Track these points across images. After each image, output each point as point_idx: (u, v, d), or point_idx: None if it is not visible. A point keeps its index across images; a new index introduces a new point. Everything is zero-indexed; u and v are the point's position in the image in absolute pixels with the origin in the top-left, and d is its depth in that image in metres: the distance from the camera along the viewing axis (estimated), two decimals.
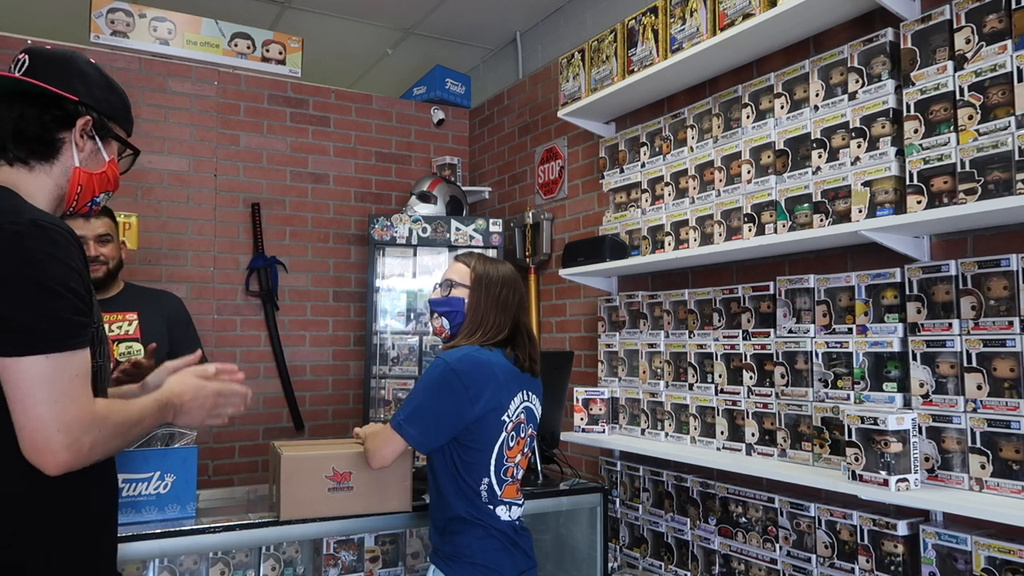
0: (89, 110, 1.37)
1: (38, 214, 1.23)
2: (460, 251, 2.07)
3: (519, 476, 1.96)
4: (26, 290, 1.16)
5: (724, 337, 2.55)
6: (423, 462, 2.04)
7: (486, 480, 1.85)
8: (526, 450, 1.97)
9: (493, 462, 1.86)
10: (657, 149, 2.91)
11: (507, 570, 1.85)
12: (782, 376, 2.32)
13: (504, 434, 1.88)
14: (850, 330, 2.16)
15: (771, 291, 2.41)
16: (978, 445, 1.83)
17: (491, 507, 1.86)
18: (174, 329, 2.63)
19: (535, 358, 1.99)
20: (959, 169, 1.85)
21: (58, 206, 1.38)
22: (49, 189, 1.35)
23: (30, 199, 1.30)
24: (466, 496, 1.84)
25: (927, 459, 1.93)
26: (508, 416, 1.88)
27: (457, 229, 3.79)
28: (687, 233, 2.70)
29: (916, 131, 1.97)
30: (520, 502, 1.95)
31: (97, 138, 1.39)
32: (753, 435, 2.42)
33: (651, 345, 2.84)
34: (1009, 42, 1.79)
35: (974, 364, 1.85)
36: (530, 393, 1.98)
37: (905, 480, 1.85)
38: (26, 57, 1.35)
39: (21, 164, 1.33)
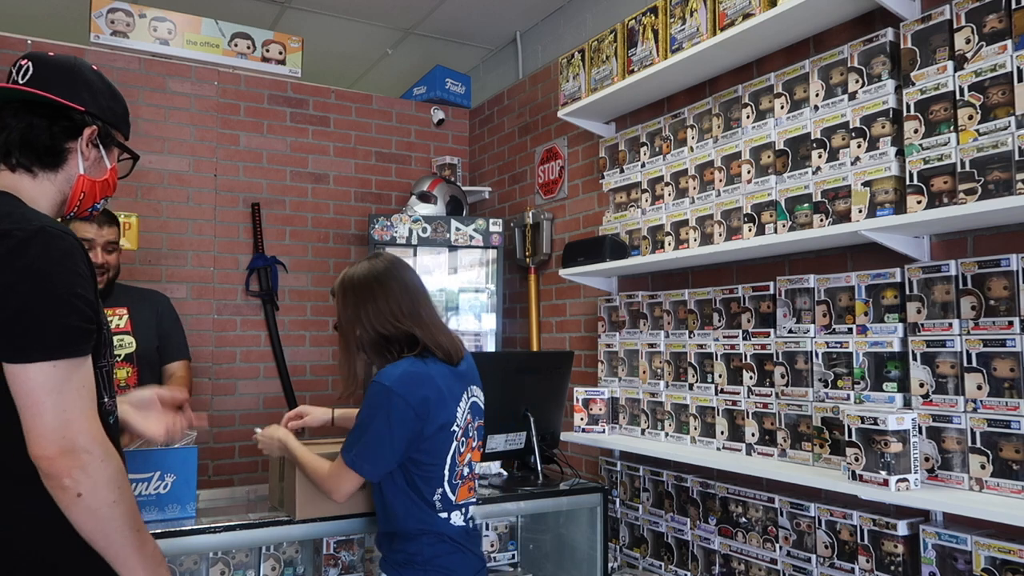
0: (95, 119, 1.38)
1: (46, 221, 1.24)
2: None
3: (473, 471, 1.91)
4: (34, 297, 1.17)
5: (724, 337, 2.55)
6: None
7: (440, 490, 1.80)
8: (475, 445, 1.93)
9: (446, 472, 1.81)
10: (657, 149, 2.91)
11: (460, 573, 1.81)
12: (782, 376, 2.32)
13: (455, 443, 1.83)
14: (850, 330, 2.16)
15: (771, 291, 2.41)
16: (978, 445, 1.83)
17: (444, 514, 1.81)
18: (163, 324, 2.75)
19: (456, 343, 1.90)
20: (959, 169, 1.85)
21: (59, 211, 1.39)
22: (52, 195, 1.36)
23: (32, 204, 1.31)
24: (416, 509, 1.79)
25: (927, 459, 1.93)
26: (457, 425, 1.83)
27: (457, 229, 3.79)
28: (687, 233, 2.70)
29: (916, 131, 1.97)
30: (474, 500, 1.91)
31: (101, 146, 1.41)
32: (753, 435, 2.42)
33: (651, 345, 2.84)
34: (1009, 42, 1.79)
35: (974, 364, 1.85)
36: (472, 388, 1.92)
37: (905, 480, 1.85)
38: (29, 64, 1.35)
39: (25, 171, 1.33)
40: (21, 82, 1.33)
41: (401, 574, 1.80)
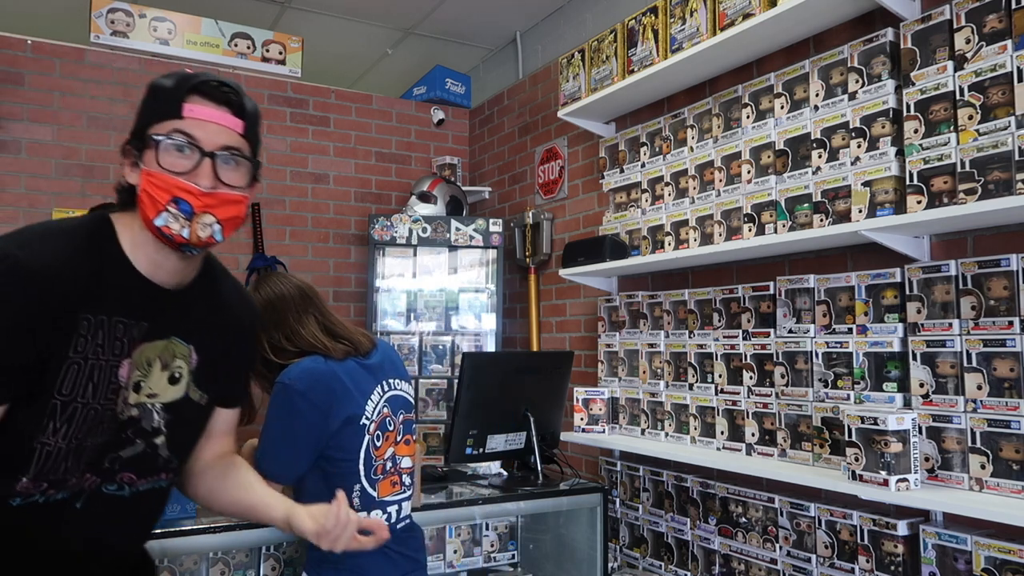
0: (129, 140, 1.21)
1: (19, 242, 1.10)
2: None
3: (400, 466, 1.88)
4: None
5: (724, 337, 2.55)
6: (431, 462, 2.02)
7: (357, 487, 1.78)
8: (400, 439, 1.89)
9: (362, 467, 1.78)
10: (657, 149, 2.91)
11: (379, 574, 1.78)
12: (782, 376, 2.32)
13: (368, 437, 1.79)
14: (850, 330, 2.16)
15: (771, 291, 2.41)
16: (978, 445, 1.83)
17: (364, 514, 1.77)
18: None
19: (361, 335, 1.89)
20: (959, 169, 1.85)
21: (163, 251, 1.20)
22: (139, 232, 1.19)
23: (127, 244, 1.19)
24: None
25: (927, 459, 1.93)
26: (367, 419, 1.80)
27: (457, 229, 3.79)
28: (687, 233, 2.70)
29: (916, 131, 1.97)
30: (403, 496, 1.87)
31: (138, 158, 1.19)
32: (753, 435, 2.42)
33: (651, 345, 2.84)
34: (1009, 42, 1.79)
35: (974, 364, 1.85)
36: (392, 381, 1.88)
37: (905, 480, 1.86)
38: None
39: (133, 209, 1.21)
40: None
41: (319, 573, 1.78)
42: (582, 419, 2.96)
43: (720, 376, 2.54)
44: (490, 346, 3.83)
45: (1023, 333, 1.77)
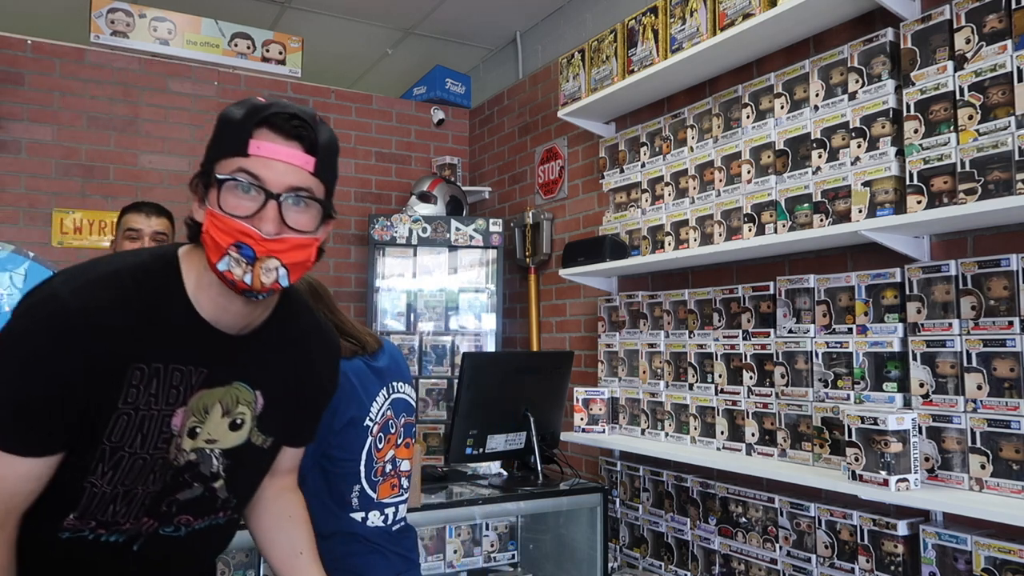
0: (198, 173, 1.13)
1: (72, 286, 1.06)
2: None
3: (399, 469, 1.88)
4: None
5: (724, 337, 2.55)
6: (431, 462, 2.02)
7: (357, 487, 1.78)
8: (401, 442, 1.89)
9: (363, 468, 1.79)
10: (657, 149, 2.91)
11: (374, 574, 1.77)
12: (782, 376, 2.32)
13: (370, 438, 1.80)
14: (850, 330, 2.16)
15: (771, 291, 2.41)
16: (978, 445, 1.83)
17: (362, 514, 1.78)
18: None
19: (369, 335, 1.88)
20: (959, 169, 1.85)
21: (226, 293, 1.13)
22: (201, 273, 1.13)
23: (188, 275, 1.14)
24: (330, 512, 1.76)
25: (927, 459, 1.93)
26: (371, 420, 1.80)
27: (457, 229, 3.79)
28: (687, 233, 2.70)
29: (916, 131, 1.97)
30: (401, 499, 1.87)
31: (203, 191, 1.11)
32: (753, 435, 2.42)
33: (651, 345, 2.84)
34: (1009, 42, 1.79)
35: (974, 364, 1.85)
36: (396, 384, 1.89)
37: (905, 480, 1.85)
38: None
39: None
40: None
41: None
42: (582, 419, 2.96)
43: (720, 376, 2.54)
44: (490, 346, 3.83)
45: (1023, 333, 1.77)
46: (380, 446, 1.83)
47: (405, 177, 4.35)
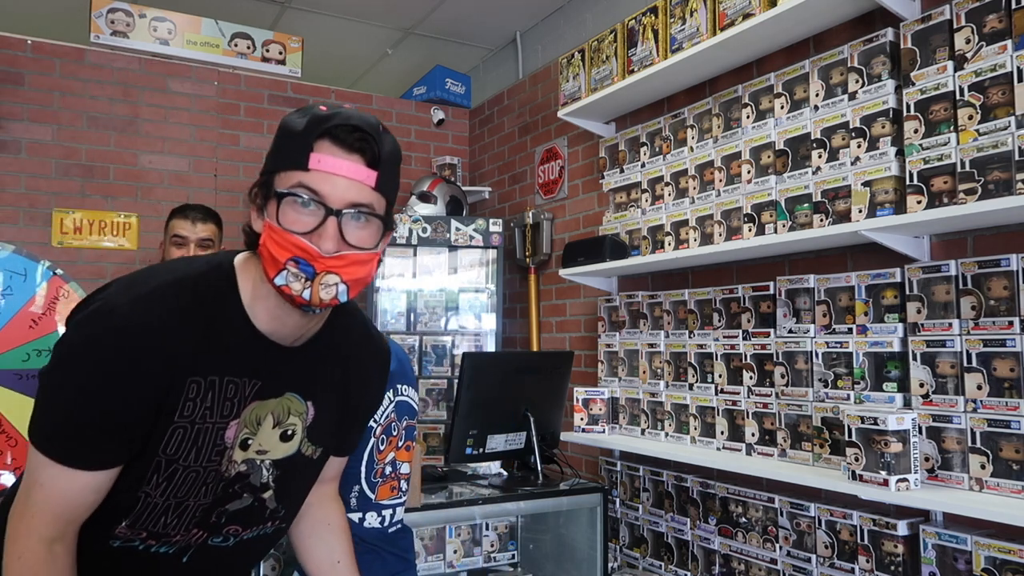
0: (258, 183, 1.11)
1: (130, 299, 1.06)
2: None
3: (399, 472, 1.88)
4: (44, 381, 1.07)
5: (724, 337, 2.55)
6: (431, 462, 2.01)
7: (357, 487, 1.78)
8: (401, 444, 1.89)
9: (363, 469, 1.79)
10: (657, 149, 2.91)
11: (370, 574, 1.76)
12: (782, 376, 2.32)
13: (373, 440, 1.79)
14: (850, 330, 2.16)
15: (771, 291, 2.41)
16: (978, 445, 1.83)
17: (359, 515, 1.78)
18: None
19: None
20: (959, 169, 1.85)
21: (284, 305, 1.12)
22: (257, 283, 1.13)
23: (244, 295, 1.13)
24: None
25: (927, 459, 1.93)
26: (375, 422, 1.80)
27: (457, 229, 3.79)
28: (687, 233, 2.70)
29: (916, 131, 1.97)
30: (399, 501, 1.87)
31: (262, 199, 1.10)
32: (753, 435, 2.42)
33: (651, 345, 2.84)
34: (1009, 42, 1.79)
35: (974, 364, 1.85)
36: (401, 387, 1.88)
37: (905, 480, 1.85)
38: None
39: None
40: None
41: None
42: (582, 419, 2.96)
43: (720, 376, 2.54)
44: (490, 346, 3.83)
45: (1023, 333, 1.77)
46: (382, 448, 1.82)
47: (405, 177, 4.29)
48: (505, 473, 2.71)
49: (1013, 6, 1.79)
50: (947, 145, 1.89)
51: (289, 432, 1.21)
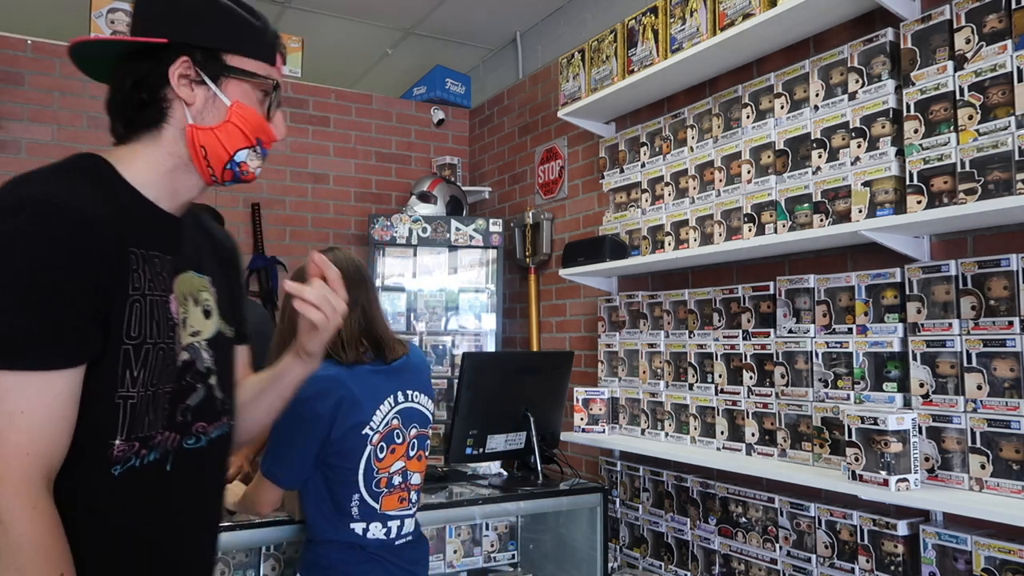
0: (185, 48, 1.08)
1: (54, 189, 1.01)
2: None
3: (410, 482, 1.84)
4: None
5: (724, 337, 2.55)
6: (431, 462, 1.99)
7: (356, 496, 1.75)
8: (413, 454, 1.85)
9: (362, 477, 1.75)
10: (657, 149, 2.91)
11: None
12: (782, 376, 2.32)
13: (369, 447, 1.76)
14: (850, 330, 2.16)
15: (771, 291, 2.41)
16: (978, 445, 1.83)
17: (363, 524, 1.76)
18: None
19: (396, 341, 1.85)
20: (959, 169, 1.85)
21: (194, 181, 1.15)
22: (160, 160, 1.11)
23: (139, 176, 1.10)
24: (326, 517, 1.75)
25: (927, 459, 1.93)
26: (372, 428, 1.76)
27: (457, 229, 3.79)
28: (687, 233, 2.70)
29: (916, 131, 1.97)
30: (408, 512, 1.83)
31: (208, 80, 1.10)
32: (753, 435, 2.42)
33: (651, 345, 2.84)
34: (1009, 42, 1.79)
35: (974, 364, 1.85)
36: (410, 392, 1.84)
37: (905, 480, 1.85)
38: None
39: (127, 139, 1.12)
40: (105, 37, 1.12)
41: (309, 575, 1.78)
42: (582, 419, 2.96)
43: (720, 376, 2.54)
44: (490, 346, 3.83)
45: (1023, 333, 1.77)
46: (381, 456, 1.78)
47: (405, 177, 4.35)
48: (505, 473, 2.71)
49: (1013, 6, 1.79)
50: (947, 145, 1.89)
51: (207, 309, 1.21)
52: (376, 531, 1.78)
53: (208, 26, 1.10)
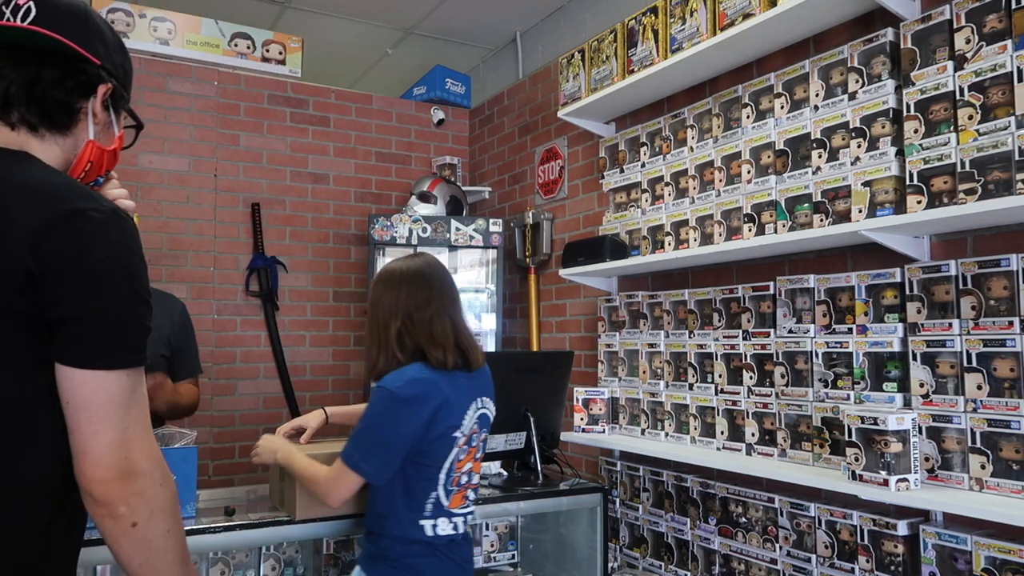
0: (110, 77, 1.18)
1: (102, 196, 1.09)
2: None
3: (472, 481, 1.89)
4: (121, 293, 1.03)
5: (724, 337, 2.55)
6: None
7: (434, 494, 1.80)
8: (479, 456, 1.91)
9: (443, 476, 1.80)
10: (657, 149, 2.91)
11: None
12: (782, 376, 2.32)
13: (456, 449, 1.81)
14: (850, 330, 2.16)
15: (771, 291, 2.41)
16: (978, 445, 1.83)
17: (431, 521, 1.79)
18: (176, 334, 2.53)
19: (479, 352, 1.90)
20: (959, 169, 1.85)
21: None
22: (58, 162, 1.15)
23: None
24: (400, 514, 1.78)
25: (927, 459, 1.93)
26: (462, 431, 1.82)
27: (457, 229, 3.79)
28: (687, 233, 2.70)
29: (916, 131, 1.97)
30: (468, 509, 1.88)
31: (111, 109, 1.21)
32: (753, 435, 2.42)
33: (651, 345, 2.84)
34: (1009, 42, 1.79)
35: (974, 364, 1.85)
36: (483, 399, 1.90)
37: (905, 480, 1.85)
38: (31, 3, 1.11)
39: (29, 130, 1.12)
40: (21, 23, 1.09)
41: (373, 568, 1.80)
42: (582, 419, 2.96)
43: (720, 376, 2.54)
44: (490, 346, 3.83)
45: (1023, 333, 1.77)
46: (462, 457, 1.85)
47: (405, 177, 4.35)
48: (505, 473, 2.70)
49: (1013, 6, 1.79)
50: (947, 145, 1.89)
51: None
52: (443, 527, 1.82)
53: (121, 63, 1.24)
